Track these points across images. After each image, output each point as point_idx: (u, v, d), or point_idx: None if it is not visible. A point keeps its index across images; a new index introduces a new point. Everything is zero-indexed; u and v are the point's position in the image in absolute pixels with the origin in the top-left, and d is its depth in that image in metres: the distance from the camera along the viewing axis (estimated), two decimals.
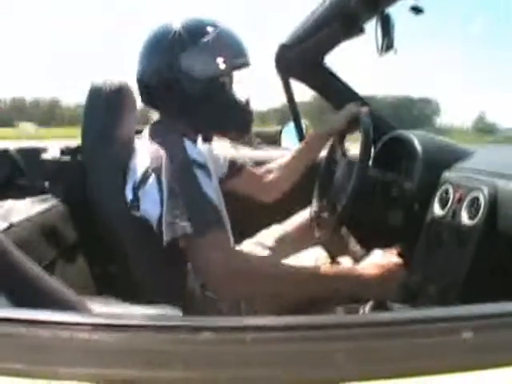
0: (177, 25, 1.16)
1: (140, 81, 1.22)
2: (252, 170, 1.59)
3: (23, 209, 1.22)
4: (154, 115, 1.31)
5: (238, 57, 1.22)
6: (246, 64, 1.23)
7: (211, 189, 1.05)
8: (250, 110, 1.28)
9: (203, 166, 1.07)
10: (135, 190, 1.10)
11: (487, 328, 0.47)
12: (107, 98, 1.20)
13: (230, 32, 1.21)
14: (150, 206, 1.05)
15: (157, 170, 1.05)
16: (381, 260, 1.09)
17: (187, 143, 1.10)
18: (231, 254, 1.00)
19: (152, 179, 1.05)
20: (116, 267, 1.21)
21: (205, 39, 1.16)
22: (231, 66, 1.21)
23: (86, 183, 1.21)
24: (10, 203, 1.25)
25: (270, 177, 1.59)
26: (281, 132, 2.19)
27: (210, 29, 1.17)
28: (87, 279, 1.25)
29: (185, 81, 1.16)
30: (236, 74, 1.26)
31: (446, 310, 0.83)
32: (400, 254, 1.16)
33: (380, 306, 1.05)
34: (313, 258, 1.46)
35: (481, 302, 0.50)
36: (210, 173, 1.10)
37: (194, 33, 1.16)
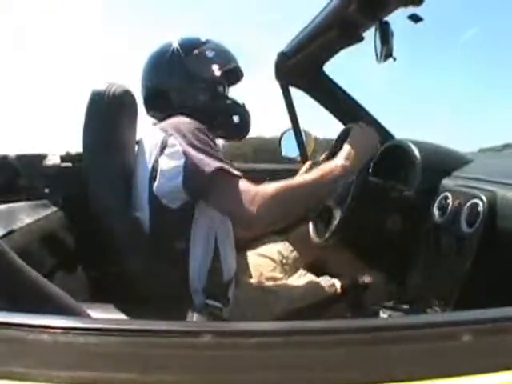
0: (175, 42, 1.38)
1: (146, 91, 1.40)
2: None
3: (23, 215, 1.22)
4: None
5: (229, 63, 1.42)
6: (237, 69, 1.46)
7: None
8: (247, 111, 1.44)
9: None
10: (152, 165, 1.13)
11: (487, 333, 0.47)
12: (109, 103, 1.20)
13: (219, 44, 1.43)
14: (174, 162, 1.10)
15: (175, 132, 1.13)
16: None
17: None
18: (255, 192, 1.09)
19: (171, 142, 1.12)
20: (115, 274, 1.21)
21: (199, 51, 1.37)
22: (225, 71, 1.40)
23: (86, 190, 1.21)
24: (10, 209, 1.25)
25: None
26: (280, 140, 2.19)
27: (203, 43, 1.40)
28: (86, 285, 1.24)
29: (184, 87, 1.36)
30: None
31: (446, 315, 0.83)
32: None
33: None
34: None
35: (480, 307, 0.50)
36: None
37: (191, 47, 1.37)
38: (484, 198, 1.07)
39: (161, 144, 1.13)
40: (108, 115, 1.20)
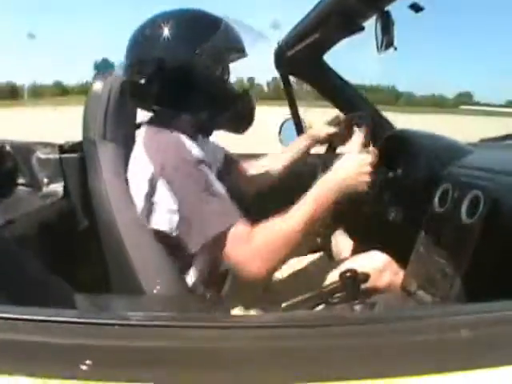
0: (172, 17, 1.14)
1: (132, 78, 1.19)
2: (243, 164, 1.52)
3: (23, 205, 1.22)
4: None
5: (234, 48, 1.20)
6: (242, 54, 1.22)
7: (217, 182, 1.08)
8: (251, 100, 1.25)
9: (205, 162, 1.09)
10: (145, 200, 1.10)
11: (486, 326, 0.47)
12: (108, 94, 1.19)
13: (228, 24, 1.17)
14: (167, 215, 1.07)
15: (164, 177, 1.06)
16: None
17: (187, 142, 1.10)
18: (251, 239, 1.03)
19: (161, 187, 1.07)
20: (116, 265, 1.21)
21: (201, 32, 1.13)
22: (229, 57, 1.21)
23: (85, 180, 1.21)
24: (9, 199, 1.25)
25: (259, 177, 1.51)
26: (280, 129, 2.17)
27: (209, 21, 1.16)
28: (86, 277, 1.24)
29: (181, 74, 1.13)
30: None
31: (445, 307, 0.84)
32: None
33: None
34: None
35: (480, 299, 0.50)
36: (211, 165, 1.12)
37: (191, 26, 1.14)
38: (485, 189, 1.07)
39: (149, 185, 1.08)
40: (107, 106, 1.19)
